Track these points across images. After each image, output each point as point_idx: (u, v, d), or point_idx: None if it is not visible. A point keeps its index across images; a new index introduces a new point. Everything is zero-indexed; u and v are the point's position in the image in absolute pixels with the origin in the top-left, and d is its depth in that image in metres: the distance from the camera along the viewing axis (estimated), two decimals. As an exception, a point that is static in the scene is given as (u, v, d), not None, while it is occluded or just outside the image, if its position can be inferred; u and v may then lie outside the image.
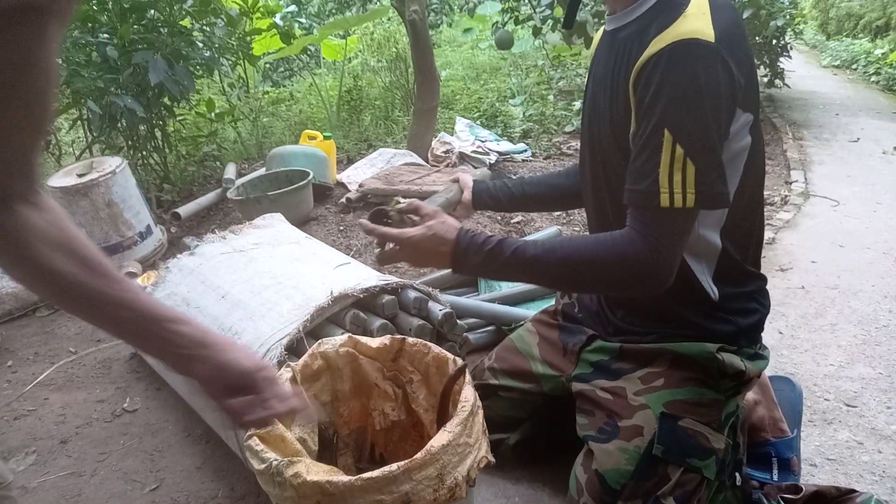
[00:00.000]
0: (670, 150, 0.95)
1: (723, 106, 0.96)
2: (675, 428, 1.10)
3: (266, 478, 0.91)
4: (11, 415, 1.80)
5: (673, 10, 0.97)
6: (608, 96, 1.08)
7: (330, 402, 1.22)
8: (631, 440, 1.11)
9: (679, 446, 1.09)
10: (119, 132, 3.26)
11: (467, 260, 1.08)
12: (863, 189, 3.37)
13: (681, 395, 1.13)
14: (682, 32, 0.93)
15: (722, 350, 1.14)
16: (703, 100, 0.93)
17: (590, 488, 1.12)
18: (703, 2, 0.97)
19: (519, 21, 5.23)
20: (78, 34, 2.88)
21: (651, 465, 1.09)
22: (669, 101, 0.94)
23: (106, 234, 2.61)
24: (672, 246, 0.99)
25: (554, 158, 3.79)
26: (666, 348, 1.17)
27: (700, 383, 1.14)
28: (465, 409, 0.97)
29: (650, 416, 1.12)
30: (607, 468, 1.11)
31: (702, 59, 0.92)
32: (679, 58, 0.93)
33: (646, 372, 1.18)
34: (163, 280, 1.81)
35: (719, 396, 1.15)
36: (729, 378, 1.15)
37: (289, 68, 6.76)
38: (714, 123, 0.95)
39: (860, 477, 1.41)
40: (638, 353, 1.20)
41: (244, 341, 1.44)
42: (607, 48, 1.12)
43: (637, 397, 1.15)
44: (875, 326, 2.01)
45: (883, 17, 7.53)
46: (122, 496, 1.47)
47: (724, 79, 0.94)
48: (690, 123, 0.94)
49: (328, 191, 3.27)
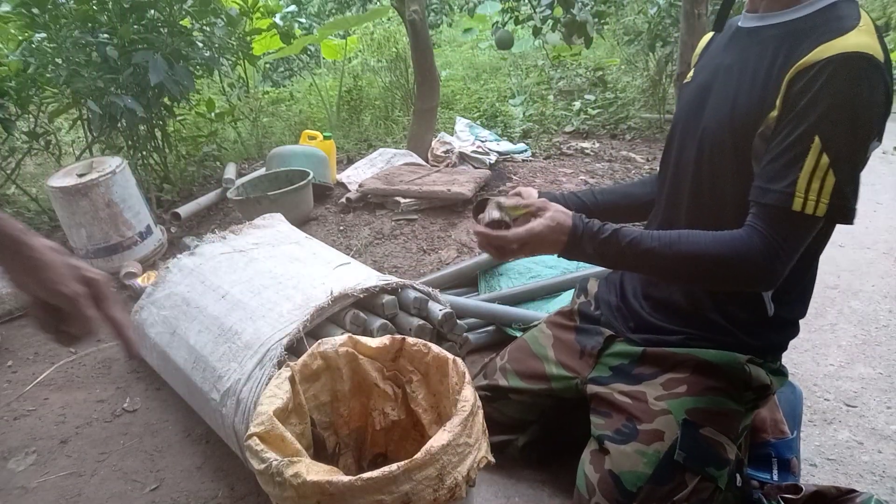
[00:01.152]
0: (816, 157, 0.95)
1: (874, 128, 0.97)
2: (697, 436, 1.10)
3: (266, 478, 0.91)
4: (11, 415, 1.80)
5: (843, 21, 0.96)
6: (742, 88, 1.06)
7: (330, 402, 1.22)
8: (651, 444, 1.11)
9: (699, 454, 1.09)
10: (119, 132, 3.26)
11: (582, 247, 1.08)
12: (863, 189, 3.33)
13: (703, 404, 1.13)
14: (857, 45, 0.92)
15: (750, 362, 1.14)
16: (860, 116, 0.94)
17: (603, 488, 1.12)
18: (870, 21, 0.97)
19: (519, 21, 5.23)
20: (78, 34, 2.88)
21: (670, 470, 1.09)
22: (828, 109, 0.94)
23: (106, 234, 2.61)
24: (790, 251, 1.00)
25: (554, 158, 3.79)
26: (692, 354, 1.16)
27: (723, 393, 1.14)
28: (465, 409, 0.97)
29: (672, 421, 1.11)
30: (624, 470, 1.10)
31: (870, 77, 0.93)
32: (849, 69, 0.93)
33: (668, 378, 1.17)
34: (163, 280, 1.81)
35: (740, 408, 1.15)
36: (752, 391, 1.15)
37: (289, 68, 6.75)
38: (864, 142, 0.96)
39: (860, 477, 1.41)
40: (661, 358, 1.19)
41: (244, 341, 1.44)
42: (744, 43, 1.10)
43: (658, 402, 1.14)
44: (875, 326, 2.01)
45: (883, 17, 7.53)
46: (122, 496, 1.47)
47: (882, 101, 0.95)
48: (843, 136, 0.94)
49: (328, 191, 3.27)
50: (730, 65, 1.10)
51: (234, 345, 1.45)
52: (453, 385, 1.08)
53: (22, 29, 2.96)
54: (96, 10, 2.96)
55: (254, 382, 1.34)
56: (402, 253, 2.62)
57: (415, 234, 2.76)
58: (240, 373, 1.38)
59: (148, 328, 1.75)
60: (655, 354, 1.20)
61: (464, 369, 1.08)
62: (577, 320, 1.39)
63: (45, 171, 3.76)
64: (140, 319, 1.81)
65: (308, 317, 1.42)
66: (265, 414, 0.99)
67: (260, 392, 1.31)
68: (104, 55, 2.92)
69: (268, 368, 1.34)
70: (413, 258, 2.58)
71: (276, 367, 1.34)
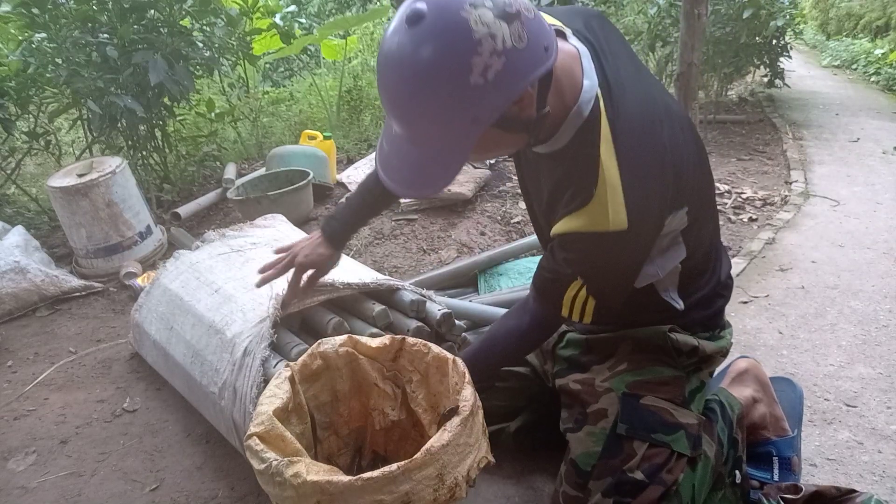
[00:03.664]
0: (577, 288, 1.03)
1: (640, 260, 1.02)
2: (637, 406, 1.14)
3: (266, 478, 0.91)
4: (11, 415, 1.80)
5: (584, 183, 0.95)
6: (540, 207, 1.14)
7: (330, 402, 1.22)
8: (597, 423, 1.15)
9: (642, 423, 1.12)
10: (119, 132, 3.26)
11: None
12: (863, 189, 3.37)
13: (642, 376, 1.17)
14: (591, 224, 0.95)
15: (673, 331, 1.18)
16: (616, 270, 1.01)
17: (566, 477, 1.16)
18: (611, 164, 0.93)
19: (519, 21, 5.21)
20: (78, 34, 2.88)
21: (617, 443, 1.12)
22: (583, 270, 1.02)
23: (106, 234, 2.61)
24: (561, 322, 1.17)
25: (554, 158, 3.79)
26: (627, 334, 1.21)
27: (658, 362, 1.18)
28: (465, 409, 0.97)
29: (614, 398, 1.16)
30: (578, 453, 1.15)
31: (614, 246, 0.96)
32: (590, 246, 0.97)
33: (612, 361, 1.22)
34: (159, 277, 1.82)
35: (679, 373, 1.19)
36: (686, 356, 1.19)
37: (289, 68, 6.75)
38: (628, 279, 1.05)
39: (860, 477, 1.41)
40: (602, 343, 1.25)
41: (233, 331, 1.45)
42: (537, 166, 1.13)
43: (603, 383, 1.19)
44: (875, 326, 2.01)
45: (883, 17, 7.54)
46: (122, 496, 1.47)
47: (644, 239, 0.99)
48: (602, 284, 1.03)
49: (328, 191, 3.27)
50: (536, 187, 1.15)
51: (225, 336, 1.46)
52: (453, 385, 1.09)
53: (22, 29, 2.95)
54: (96, 10, 2.95)
55: (246, 370, 1.35)
56: (402, 253, 2.62)
57: (415, 234, 2.76)
58: (232, 363, 1.39)
59: (147, 326, 1.76)
60: (596, 340, 1.26)
61: (464, 369, 1.08)
62: None
63: (45, 171, 3.75)
64: (139, 318, 1.81)
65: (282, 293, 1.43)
66: (265, 414, 0.99)
67: (255, 379, 1.32)
68: (104, 55, 2.92)
69: (258, 352, 1.35)
70: (413, 258, 2.58)
71: (266, 349, 1.35)
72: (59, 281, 2.43)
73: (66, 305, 2.43)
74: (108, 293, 2.52)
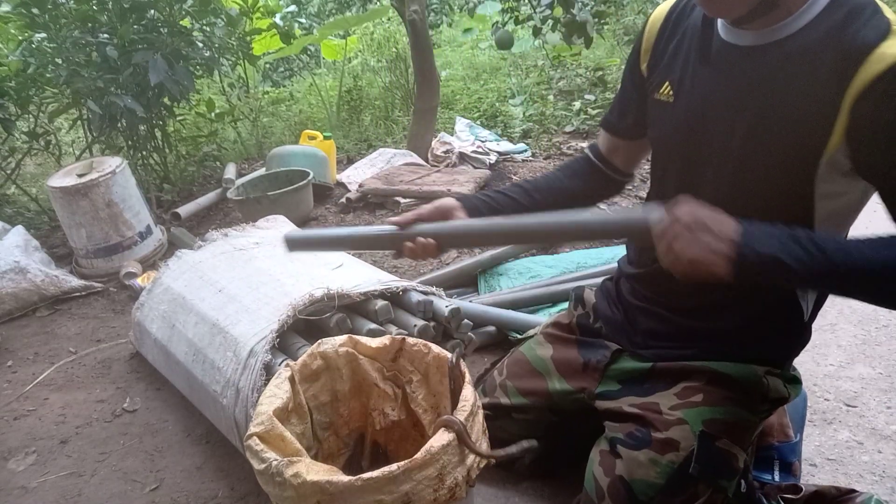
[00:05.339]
0: None
1: None
2: (713, 448, 1.07)
3: (266, 478, 0.91)
4: (11, 415, 1.80)
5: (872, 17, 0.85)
6: (785, 119, 0.94)
7: (330, 402, 1.22)
8: (665, 454, 1.07)
9: (714, 467, 1.06)
10: (119, 132, 3.26)
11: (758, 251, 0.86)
12: (863, 189, 3.36)
13: (720, 415, 1.09)
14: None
15: (768, 374, 1.11)
16: None
17: (613, 494, 1.09)
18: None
19: (519, 21, 5.22)
20: (78, 34, 2.88)
21: (683, 482, 1.06)
22: None
23: (106, 234, 2.61)
24: None
25: (554, 158, 3.79)
26: (707, 366, 1.12)
27: (739, 404, 1.10)
28: (465, 409, 0.97)
29: (688, 432, 1.07)
30: (636, 478, 1.08)
31: None
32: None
33: (682, 387, 1.13)
34: (161, 276, 1.82)
35: (755, 419, 1.12)
36: (769, 402, 1.12)
37: (289, 68, 6.75)
38: None
39: (860, 477, 1.41)
40: (672, 371, 1.15)
41: (239, 331, 1.45)
42: (745, 66, 0.96)
43: (673, 412, 1.10)
44: (875, 326, 2.01)
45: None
46: (122, 496, 1.47)
47: None
48: None
49: (328, 191, 3.27)
50: (737, 92, 0.98)
51: (229, 335, 1.46)
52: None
53: (22, 29, 2.96)
54: (96, 10, 2.96)
55: (249, 371, 1.35)
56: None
57: (415, 234, 2.75)
58: (236, 362, 1.39)
59: (149, 324, 1.76)
60: (666, 368, 1.16)
61: (464, 369, 1.07)
62: (578, 333, 1.34)
63: (45, 171, 3.76)
64: (140, 317, 1.81)
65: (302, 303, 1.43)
66: (265, 414, 0.99)
67: (257, 381, 1.32)
68: (104, 55, 2.92)
69: (261, 356, 1.35)
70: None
71: (268, 353, 1.35)
72: (59, 281, 2.43)
73: (66, 305, 2.43)
74: (108, 293, 2.52)
